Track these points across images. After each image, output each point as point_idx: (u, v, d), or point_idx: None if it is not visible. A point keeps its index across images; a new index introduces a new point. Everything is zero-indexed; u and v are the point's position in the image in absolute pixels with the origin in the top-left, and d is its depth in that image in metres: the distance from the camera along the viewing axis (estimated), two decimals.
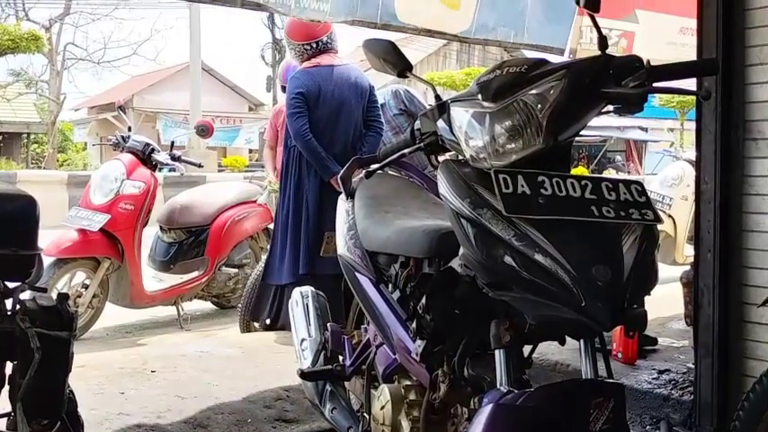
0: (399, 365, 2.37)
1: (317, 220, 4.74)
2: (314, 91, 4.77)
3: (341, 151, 4.78)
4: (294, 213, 4.85)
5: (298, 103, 4.75)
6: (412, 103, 5.13)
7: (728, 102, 3.33)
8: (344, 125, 4.83)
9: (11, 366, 1.96)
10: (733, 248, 3.37)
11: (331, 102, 4.80)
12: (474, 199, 1.73)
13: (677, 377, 3.81)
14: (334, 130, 4.82)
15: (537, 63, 1.84)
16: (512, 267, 1.65)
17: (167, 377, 3.88)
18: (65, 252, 5.25)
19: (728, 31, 3.31)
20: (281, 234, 4.93)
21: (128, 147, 5.72)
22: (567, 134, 1.82)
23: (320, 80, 4.79)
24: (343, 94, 4.81)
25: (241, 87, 32.23)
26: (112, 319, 5.81)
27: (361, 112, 4.89)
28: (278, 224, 5.03)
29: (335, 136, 4.82)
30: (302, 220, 4.81)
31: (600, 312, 1.59)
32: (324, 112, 4.79)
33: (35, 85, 31.02)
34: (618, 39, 5.21)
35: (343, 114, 4.82)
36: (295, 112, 4.74)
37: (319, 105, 4.78)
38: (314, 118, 4.76)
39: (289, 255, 4.82)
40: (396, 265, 2.41)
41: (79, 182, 11.86)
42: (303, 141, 4.72)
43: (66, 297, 1.99)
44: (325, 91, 4.79)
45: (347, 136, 4.85)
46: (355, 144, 4.86)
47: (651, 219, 1.72)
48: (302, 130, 4.71)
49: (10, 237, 1.86)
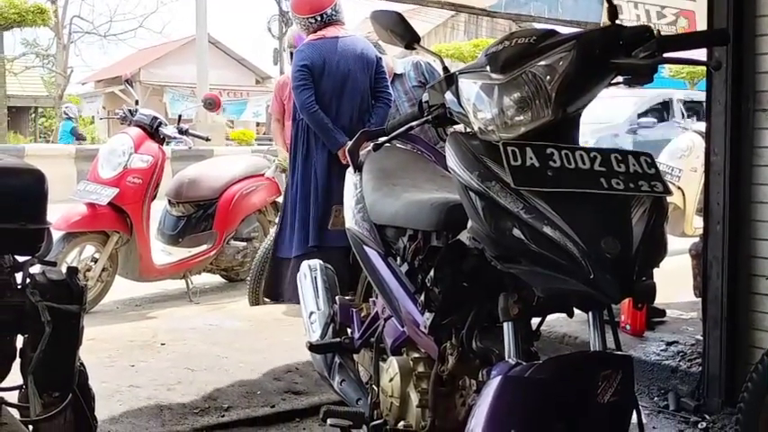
0: (408, 338, 2.37)
1: (325, 192, 4.75)
2: (319, 63, 4.76)
3: (348, 123, 4.77)
4: (303, 186, 4.85)
5: (303, 76, 4.74)
6: (432, 75, 5.13)
7: (739, 72, 3.31)
8: (351, 97, 4.82)
9: (22, 340, 1.97)
10: (742, 220, 3.36)
11: (336, 73, 4.79)
12: (482, 172, 1.72)
13: (685, 349, 3.81)
14: (341, 102, 4.81)
15: (546, 34, 1.82)
16: (520, 240, 1.65)
17: (177, 350, 3.91)
18: (74, 226, 5.26)
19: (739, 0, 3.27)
20: (291, 207, 4.93)
21: (135, 120, 5.72)
22: (577, 105, 1.80)
23: (325, 52, 4.78)
24: (349, 66, 4.80)
25: (248, 60, 32.14)
26: (122, 293, 5.84)
27: (368, 83, 4.88)
28: (287, 197, 5.04)
29: (342, 108, 4.82)
30: (311, 193, 4.81)
31: (608, 285, 1.59)
32: (329, 84, 4.78)
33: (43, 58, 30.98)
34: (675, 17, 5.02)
35: (349, 86, 4.81)
36: (300, 85, 4.74)
37: (324, 77, 4.77)
38: (320, 90, 4.76)
39: (298, 227, 4.83)
40: (404, 239, 2.40)
41: (87, 156, 11.87)
42: (309, 114, 4.72)
43: (76, 270, 2.00)
44: (330, 63, 4.78)
45: (354, 107, 4.84)
46: (363, 116, 4.85)
47: (660, 191, 1.70)
48: (308, 103, 4.71)
49: (18, 211, 1.86)
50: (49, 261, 1.99)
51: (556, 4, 4.66)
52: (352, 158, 2.82)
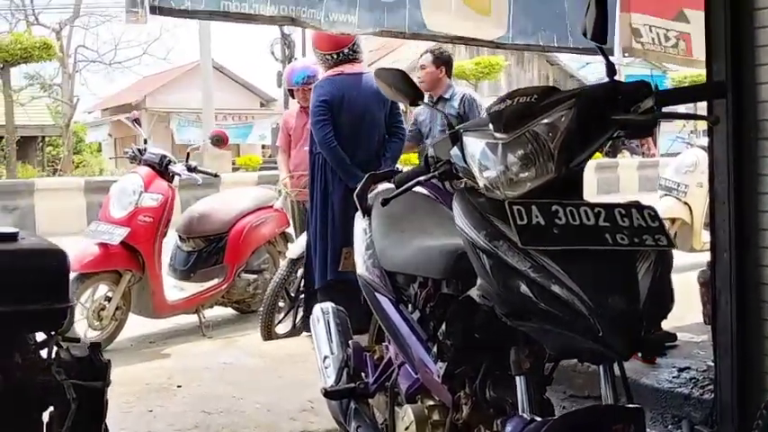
0: (422, 385, 2.40)
1: (342, 227, 4.80)
2: (338, 98, 4.85)
3: (365, 158, 4.84)
4: (322, 221, 4.93)
5: (322, 111, 4.83)
6: (471, 108, 5.28)
7: (740, 101, 3.33)
8: (368, 132, 4.91)
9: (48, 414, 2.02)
10: (749, 248, 3.37)
11: (355, 109, 4.87)
12: (489, 231, 1.76)
13: (697, 375, 3.82)
14: (358, 138, 4.89)
15: (546, 92, 1.86)
16: (529, 298, 1.68)
17: (192, 392, 3.95)
18: (87, 267, 5.31)
19: (737, 31, 3.30)
20: (312, 241, 5.01)
21: (144, 159, 5.78)
22: (579, 160, 1.84)
23: (344, 88, 4.87)
24: (367, 102, 4.87)
25: (252, 84, 32.30)
26: (136, 329, 5.88)
27: (384, 118, 4.96)
28: (309, 231, 5.11)
29: (360, 143, 4.89)
30: (329, 228, 4.88)
31: (617, 341, 1.63)
32: (348, 119, 4.86)
33: (48, 88, 31.19)
34: (676, 40, 5.11)
35: (367, 121, 4.90)
36: (319, 120, 4.83)
37: (343, 113, 4.86)
38: (338, 125, 4.84)
39: (319, 261, 4.90)
40: (414, 285, 2.45)
41: (96, 187, 11.97)
42: (328, 149, 4.80)
43: (99, 346, 2.04)
44: (348, 98, 4.86)
45: (371, 143, 4.92)
46: (379, 150, 4.94)
47: (665, 244, 1.74)
48: (327, 138, 4.80)
49: (43, 291, 1.91)
50: (73, 338, 2.04)
51: (565, 33, 4.66)
52: (360, 202, 2.86)
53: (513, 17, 4.46)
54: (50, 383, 1.90)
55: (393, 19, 4.12)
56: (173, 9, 3.39)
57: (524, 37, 4.58)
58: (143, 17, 4.24)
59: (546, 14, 4.57)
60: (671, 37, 5.13)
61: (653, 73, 23.33)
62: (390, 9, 4.05)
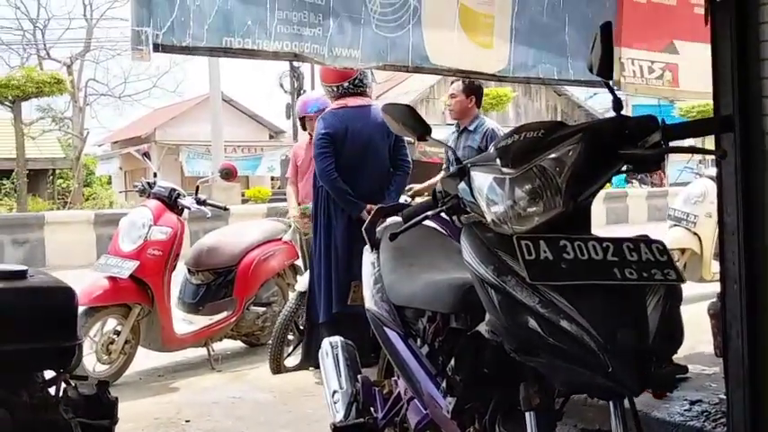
0: (431, 420, 2.39)
1: (346, 260, 4.80)
2: (341, 131, 4.88)
3: (368, 190, 4.86)
4: (326, 253, 4.94)
5: (325, 143, 4.86)
6: (492, 141, 5.34)
7: (747, 133, 3.34)
8: (371, 165, 4.92)
9: None
10: (759, 279, 3.36)
11: (358, 142, 4.89)
12: (498, 266, 1.76)
13: (709, 408, 3.78)
14: (362, 170, 4.90)
15: (554, 127, 1.87)
16: (538, 334, 1.68)
17: (201, 426, 3.93)
18: (96, 300, 5.32)
19: (743, 62, 3.32)
20: (317, 275, 5.01)
21: (154, 193, 5.81)
22: (586, 195, 1.85)
23: (347, 121, 4.90)
24: (370, 135, 4.90)
25: (261, 116, 32.49)
26: (145, 362, 5.87)
27: (388, 151, 4.98)
28: (313, 264, 5.11)
29: (363, 175, 4.90)
30: (332, 261, 4.88)
31: (627, 377, 1.62)
32: (351, 152, 4.88)
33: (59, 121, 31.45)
34: (662, 71, 5.17)
35: (370, 154, 4.92)
36: (322, 152, 4.86)
37: (346, 145, 4.88)
38: (341, 158, 4.86)
39: (324, 294, 4.89)
40: (423, 320, 2.44)
41: (106, 221, 12.01)
42: (329, 181, 4.81)
43: (107, 384, 2.05)
44: (352, 131, 4.89)
45: (374, 175, 4.94)
46: (383, 183, 4.95)
47: (674, 279, 1.74)
48: (328, 170, 4.82)
49: (51, 329, 1.92)
50: (81, 376, 2.04)
51: (566, 65, 4.68)
52: (368, 236, 2.86)
53: (513, 51, 4.49)
54: (58, 422, 1.90)
55: (396, 53, 4.15)
56: (174, 46, 3.43)
57: (525, 70, 4.60)
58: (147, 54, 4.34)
59: (546, 48, 4.60)
60: (656, 69, 5.19)
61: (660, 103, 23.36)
62: (394, 43, 4.09)
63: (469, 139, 5.72)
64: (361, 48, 4.03)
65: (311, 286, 5.08)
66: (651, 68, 5.09)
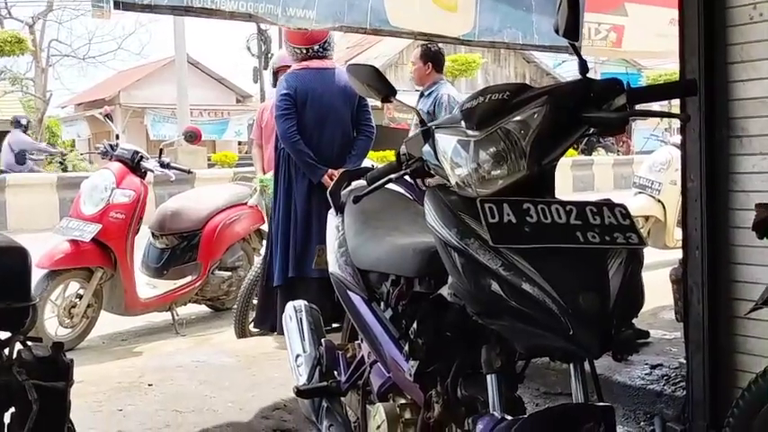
0: (394, 383, 2.39)
1: (304, 223, 4.78)
2: (302, 93, 4.81)
3: (330, 154, 4.81)
4: (285, 217, 4.89)
5: (287, 105, 4.79)
6: (439, 108, 5.36)
7: (712, 99, 3.35)
8: (332, 129, 4.86)
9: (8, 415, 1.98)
10: (721, 245, 3.40)
11: (319, 105, 4.82)
12: (461, 228, 1.75)
13: (670, 372, 3.84)
14: (322, 133, 4.85)
15: (519, 89, 1.85)
16: (500, 297, 1.67)
17: (164, 390, 3.91)
18: (57, 264, 5.26)
19: (710, 29, 3.32)
20: (274, 237, 4.97)
21: (116, 155, 5.73)
22: (551, 158, 1.83)
23: (308, 83, 4.83)
24: (332, 98, 4.84)
25: (228, 79, 32.11)
26: (107, 327, 5.82)
27: (351, 115, 4.92)
28: (272, 227, 5.07)
29: (324, 139, 4.85)
30: (291, 224, 4.84)
31: (588, 340, 1.62)
32: (311, 114, 4.82)
33: (20, 82, 30.82)
34: (607, 33, 5.19)
35: (331, 118, 4.85)
36: (283, 114, 4.78)
37: (307, 107, 4.81)
38: (302, 120, 4.80)
39: (281, 257, 4.85)
40: (387, 284, 2.42)
41: (69, 184, 11.83)
42: (290, 143, 4.75)
43: (61, 346, 2.01)
44: (313, 94, 4.82)
45: (336, 139, 4.88)
46: (345, 148, 4.89)
47: (636, 242, 1.74)
48: (289, 132, 4.75)
49: (4, 290, 1.88)
50: (35, 337, 2.00)
51: (531, 31, 4.67)
52: (333, 200, 2.84)
53: (479, 14, 4.46)
54: (11, 384, 1.87)
55: (354, 14, 4.09)
56: (135, 4, 3.37)
57: (490, 34, 4.58)
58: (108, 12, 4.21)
59: (512, 12, 4.58)
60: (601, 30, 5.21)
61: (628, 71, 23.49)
62: (351, 4, 4.03)
63: (422, 102, 5.73)
64: (317, 8, 3.97)
65: (269, 250, 5.04)
66: (598, 30, 5.12)
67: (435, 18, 4.38)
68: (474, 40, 4.63)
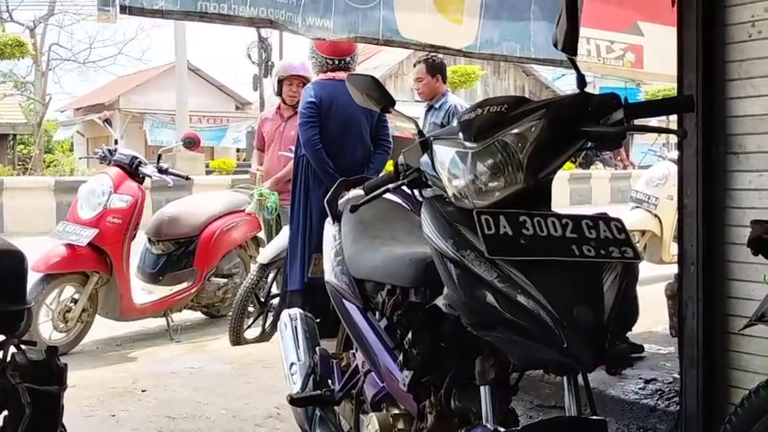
0: (388, 393, 2.39)
1: (319, 232, 4.77)
2: (326, 102, 4.84)
3: (348, 166, 4.81)
4: (302, 224, 4.91)
5: (311, 112, 4.82)
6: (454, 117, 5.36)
7: (710, 116, 3.36)
8: (353, 140, 4.90)
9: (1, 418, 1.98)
10: (716, 261, 3.40)
11: (342, 116, 4.84)
12: (457, 240, 1.76)
13: (663, 387, 3.84)
14: (343, 145, 4.87)
15: (517, 102, 1.86)
16: (495, 308, 1.68)
17: (158, 396, 3.90)
18: (53, 267, 5.25)
19: (708, 45, 3.33)
20: (292, 243, 4.98)
21: (114, 160, 5.72)
22: (548, 171, 1.84)
23: (334, 93, 4.85)
24: (355, 111, 4.83)
25: (227, 86, 32.14)
26: (102, 332, 5.81)
27: (371, 129, 4.96)
28: (291, 232, 5.09)
29: (344, 149, 4.87)
30: (306, 231, 4.86)
31: (582, 353, 1.62)
32: (334, 124, 4.85)
33: (21, 86, 30.84)
34: (623, 52, 5.17)
35: (353, 130, 4.89)
36: (307, 122, 4.82)
37: (330, 117, 4.85)
38: (324, 130, 4.82)
39: (299, 263, 4.87)
40: (383, 293, 2.43)
41: (66, 187, 11.83)
42: (312, 151, 4.78)
43: (56, 350, 2.01)
44: (337, 104, 4.84)
45: (355, 151, 4.91)
46: (363, 160, 4.93)
47: (631, 256, 1.74)
48: (313, 139, 4.78)
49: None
50: (29, 341, 2.00)
51: (528, 44, 4.71)
52: (330, 208, 2.85)
53: (482, 27, 4.49)
54: (5, 387, 1.86)
55: (367, 25, 4.12)
56: (144, 9, 3.34)
57: (490, 46, 4.61)
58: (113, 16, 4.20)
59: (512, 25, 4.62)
60: (615, 49, 5.19)
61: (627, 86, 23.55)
62: (365, 15, 4.05)
63: (434, 115, 5.75)
64: (333, 18, 3.99)
65: (289, 253, 5.06)
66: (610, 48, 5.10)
67: (442, 30, 4.41)
68: (475, 53, 4.65)
